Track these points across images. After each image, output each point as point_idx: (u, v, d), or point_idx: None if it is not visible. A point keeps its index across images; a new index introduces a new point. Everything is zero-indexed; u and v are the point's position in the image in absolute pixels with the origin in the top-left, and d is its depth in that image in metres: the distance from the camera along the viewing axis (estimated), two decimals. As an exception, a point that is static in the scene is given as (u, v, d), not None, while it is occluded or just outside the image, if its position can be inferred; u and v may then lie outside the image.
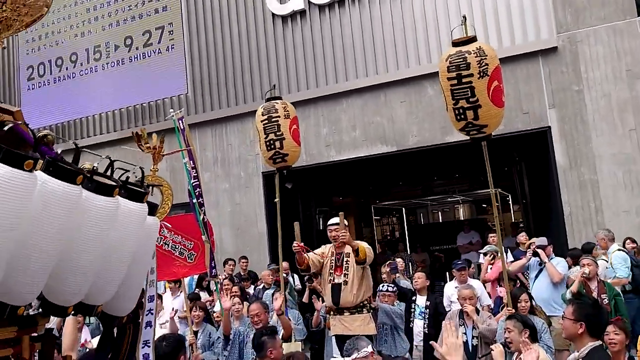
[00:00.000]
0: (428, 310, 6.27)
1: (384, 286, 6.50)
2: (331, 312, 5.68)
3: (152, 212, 1.97)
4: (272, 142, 6.16)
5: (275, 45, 10.56)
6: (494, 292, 7.30)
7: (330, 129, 10.06)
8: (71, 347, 3.74)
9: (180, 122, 5.74)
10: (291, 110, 6.31)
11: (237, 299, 6.42)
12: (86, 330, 6.23)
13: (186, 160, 5.76)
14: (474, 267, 8.55)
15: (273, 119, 6.14)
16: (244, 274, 9.19)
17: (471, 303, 5.42)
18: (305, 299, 7.50)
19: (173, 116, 5.82)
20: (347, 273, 5.51)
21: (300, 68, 10.33)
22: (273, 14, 10.58)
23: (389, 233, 19.82)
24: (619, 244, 7.10)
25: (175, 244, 5.49)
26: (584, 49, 8.43)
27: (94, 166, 1.66)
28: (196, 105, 11.20)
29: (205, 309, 6.71)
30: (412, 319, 6.35)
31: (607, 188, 8.14)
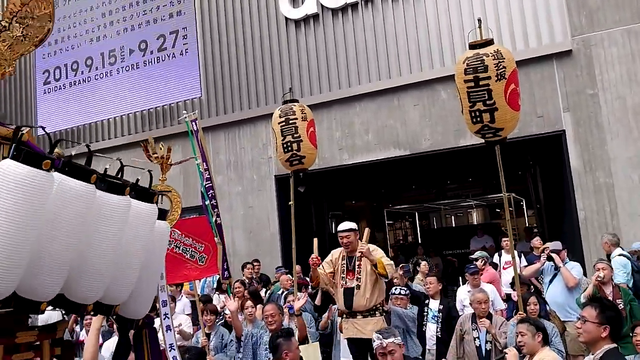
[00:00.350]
0: (441, 314, 6.24)
1: (396, 289, 6.47)
2: (343, 315, 5.66)
3: (162, 218, 2.02)
4: (289, 144, 6.15)
5: (288, 49, 10.60)
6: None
7: (343, 132, 10.07)
8: (93, 356, 3.80)
9: (193, 123, 5.79)
10: (308, 113, 6.31)
11: (250, 302, 6.42)
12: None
13: (199, 162, 5.80)
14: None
15: (290, 121, 6.14)
16: (256, 277, 9.20)
17: (484, 307, 5.42)
18: (317, 301, 7.50)
19: (186, 118, 5.87)
20: (360, 277, 5.45)
21: (314, 72, 10.36)
22: (286, 18, 10.63)
23: (401, 237, 19.73)
24: (624, 249, 6.97)
25: (186, 246, 5.46)
26: (599, 52, 8.37)
27: (105, 168, 1.71)
28: (209, 108, 11.28)
29: (216, 312, 6.73)
30: (424, 322, 6.32)
31: (622, 191, 8.06)
